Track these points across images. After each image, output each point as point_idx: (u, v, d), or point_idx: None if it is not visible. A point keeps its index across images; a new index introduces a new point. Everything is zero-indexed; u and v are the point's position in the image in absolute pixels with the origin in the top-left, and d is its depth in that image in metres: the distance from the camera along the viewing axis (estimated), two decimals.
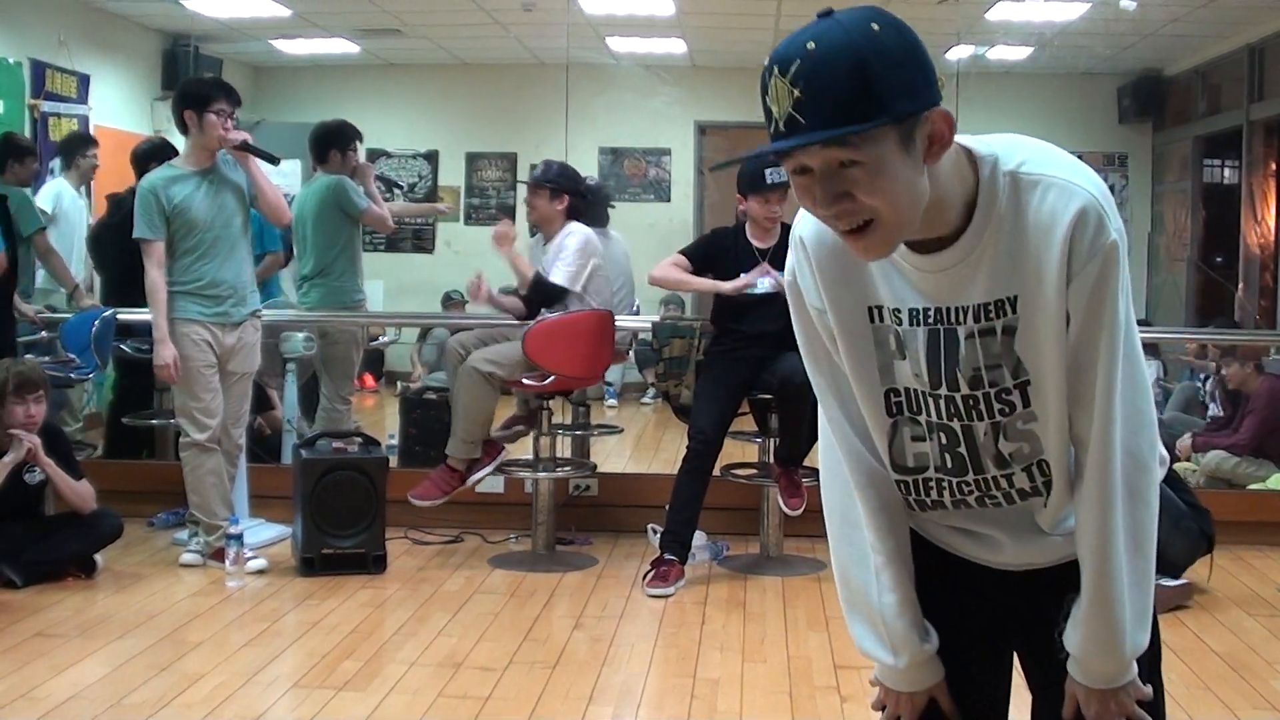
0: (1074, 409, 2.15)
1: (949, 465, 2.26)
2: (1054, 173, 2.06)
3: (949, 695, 2.39)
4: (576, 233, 7.13)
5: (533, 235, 7.55)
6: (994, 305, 2.11)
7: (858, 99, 1.90)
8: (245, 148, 6.68)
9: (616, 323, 7.23)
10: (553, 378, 6.91)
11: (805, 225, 2.22)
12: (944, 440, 2.24)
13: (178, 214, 6.58)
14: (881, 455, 2.30)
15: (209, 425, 6.67)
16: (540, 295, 7.05)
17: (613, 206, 9.11)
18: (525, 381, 6.94)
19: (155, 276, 6.63)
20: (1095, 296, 2.05)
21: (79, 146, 9.29)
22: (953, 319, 2.14)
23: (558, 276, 7.02)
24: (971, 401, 2.18)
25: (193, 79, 7.32)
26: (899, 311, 2.18)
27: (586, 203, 7.41)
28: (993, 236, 2.08)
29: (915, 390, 2.22)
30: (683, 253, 7.00)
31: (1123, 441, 2.13)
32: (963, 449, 2.23)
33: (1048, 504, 2.26)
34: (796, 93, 1.91)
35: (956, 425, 2.21)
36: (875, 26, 1.95)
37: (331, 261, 8.07)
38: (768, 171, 6.72)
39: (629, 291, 8.22)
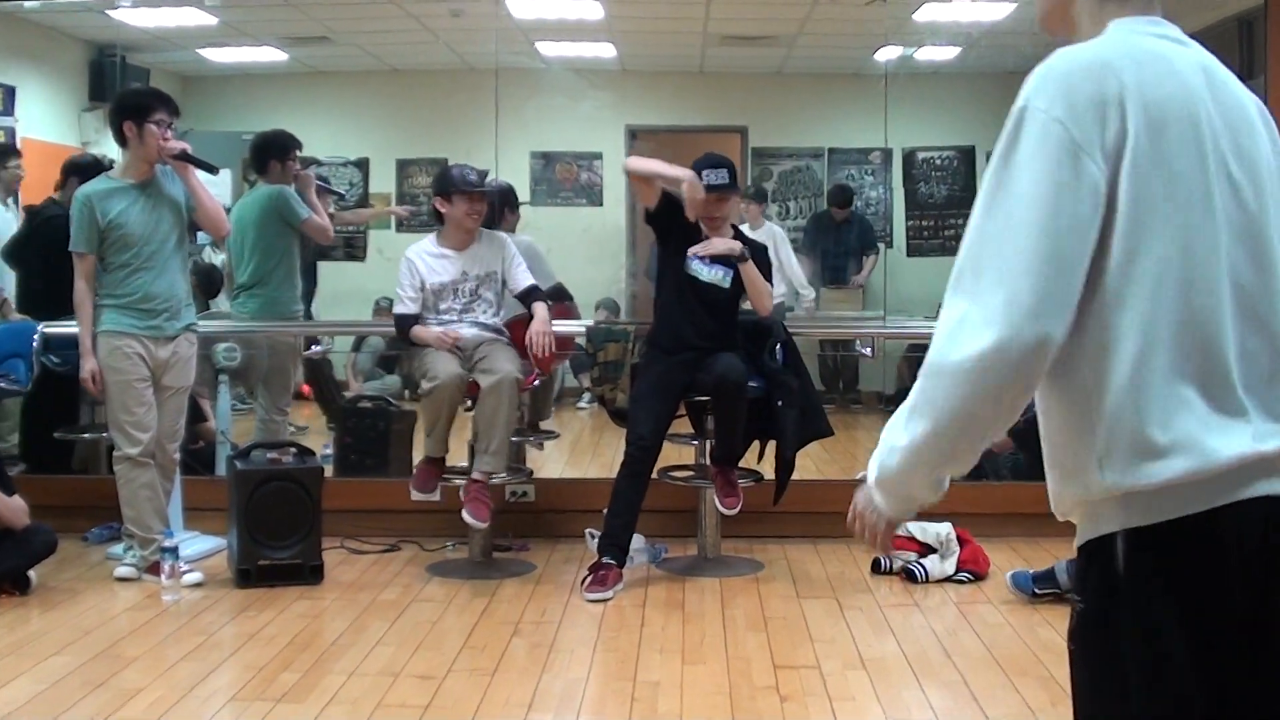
0: None
1: None
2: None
3: None
4: (510, 241, 7.26)
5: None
6: None
7: None
8: (185, 157, 6.64)
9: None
10: (538, 372, 7.09)
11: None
12: None
13: (113, 228, 6.54)
14: None
15: (141, 439, 6.61)
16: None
17: (518, 210, 9.05)
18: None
19: (81, 289, 6.60)
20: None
21: (1, 157, 9.20)
22: None
23: (532, 278, 7.10)
24: None
25: (131, 89, 7.27)
26: None
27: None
28: None
29: None
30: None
31: (951, 289, 2.15)
32: None
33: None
34: None
35: None
36: None
37: (270, 271, 8.06)
38: (705, 173, 6.74)
39: None
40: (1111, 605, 2.16)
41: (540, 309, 6.91)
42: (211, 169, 6.81)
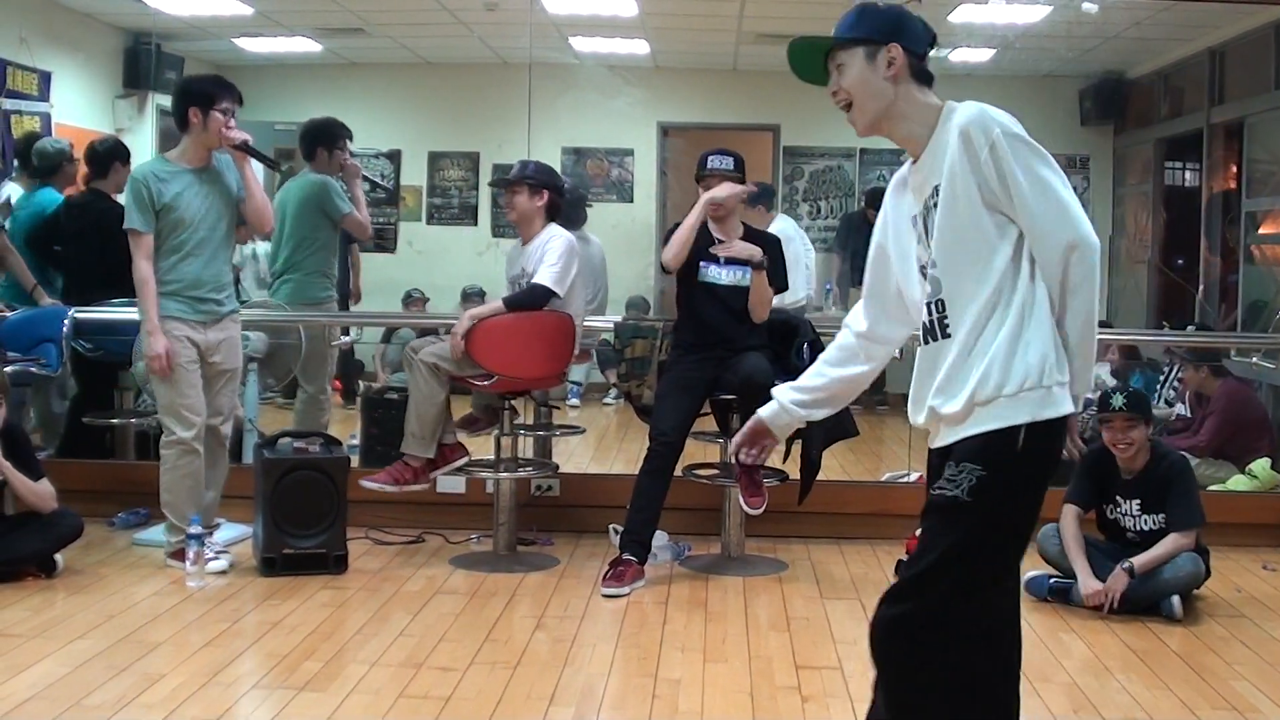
0: (1034, 246, 3.23)
1: (925, 300, 3.35)
2: (964, 105, 3.28)
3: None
4: (560, 235, 7.05)
5: (494, 236, 7.47)
6: (934, 190, 3.28)
7: (849, 29, 3.39)
8: (245, 148, 6.65)
9: (584, 322, 7.22)
10: (496, 377, 6.90)
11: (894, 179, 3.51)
12: (929, 290, 3.34)
13: (167, 210, 6.54)
14: (913, 310, 3.45)
15: (194, 422, 6.63)
16: (528, 299, 6.96)
17: (590, 205, 9.08)
18: (472, 380, 6.92)
19: (144, 269, 6.55)
20: (998, 171, 3.17)
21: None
22: (926, 205, 3.32)
23: (544, 278, 6.89)
24: (931, 250, 3.31)
25: (196, 76, 7.23)
26: (925, 210, 3.32)
27: (564, 202, 7.34)
28: (933, 146, 3.30)
29: (925, 256, 3.33)
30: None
31: (1066, 236, 3.21)
32: (928, 285, 3.33)
33: (953, 352, 3.27)
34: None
35: (932, 272, 3.32)
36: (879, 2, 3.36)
37: (304, 259, 8.07)
38: (709, 157, 6.75)
39: (604, 295, 8.22)
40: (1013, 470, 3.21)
41: (474, 310, 6.97)
42: (274, 164, 6.84)
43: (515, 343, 6.88)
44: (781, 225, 11.05)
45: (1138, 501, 6.32)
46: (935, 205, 3.26)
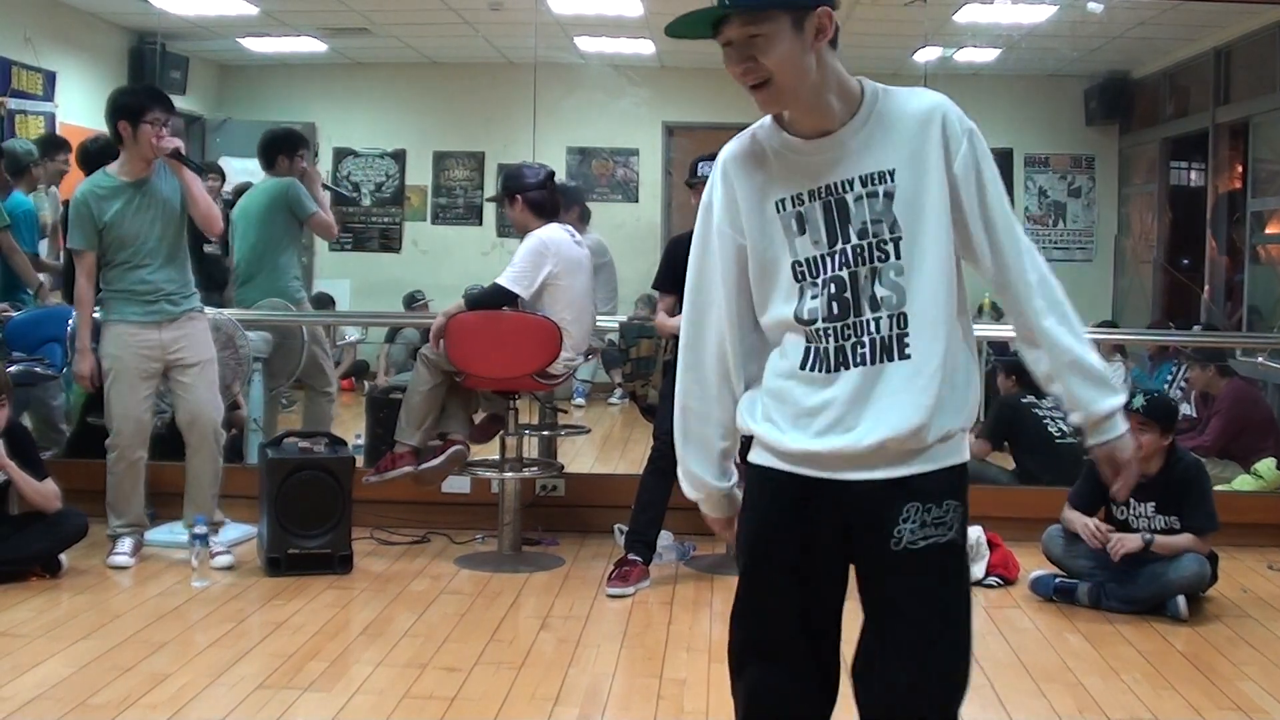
0: (994, 258, 2.88)
1: (834, 312, 2.83)
2: (913, 90, 2.93)
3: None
4: (533, 236, 7.00)
5: (499, 236, 7.46)
6: (875, 175, 2.82)
7: None
8: (177, 156, 6.66)
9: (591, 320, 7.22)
10: (462, 374, 6.95)
11: (726, 148, 2.98)
12: (833, 290, 2.84)
13: (109, 229, 6.61)
14: (789, 319, 2.89)
15: (121, 430, 6.70)
16: (485, 298, 6.96)
17: (568, 186, 9.08)
18: (455, 376, 6.96)
19: (83, 286, 6.71)
20: (976, 169, 2.85)
21: (50, 150, 9.22)
22: (841, 189, 2.84)
23: (502, 278, 6.92)
24: (858, 250, 2.82)
25: (125, 88, 7.32)
26: (799, 195, 2.86)
27: (546, 192, 7.26)
28: (873, 125, 2.84)
29: (814, 256, 2.86)
30: (658, 287, 6.98)
31: (1034, 257, 2.91)
32: (848, 293, 2.83)
33: (918, 375, 2.81)
34: None
35: (845, 273, 2.83)
36: None
37: (276, 258, 8.23)
38: (699, 164, 6.75)
39: (614, 297, 8.22)
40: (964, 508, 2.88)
41: (445, 308, 7.01)
42: (200, 170, 6.94)
43: (479, 341, 6.88)
44: None
45: (1153, 504, 6.31)
46: (866, 194, 2.81)
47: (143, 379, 6.67)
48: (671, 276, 6.89)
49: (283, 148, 8.39)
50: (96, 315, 6.78)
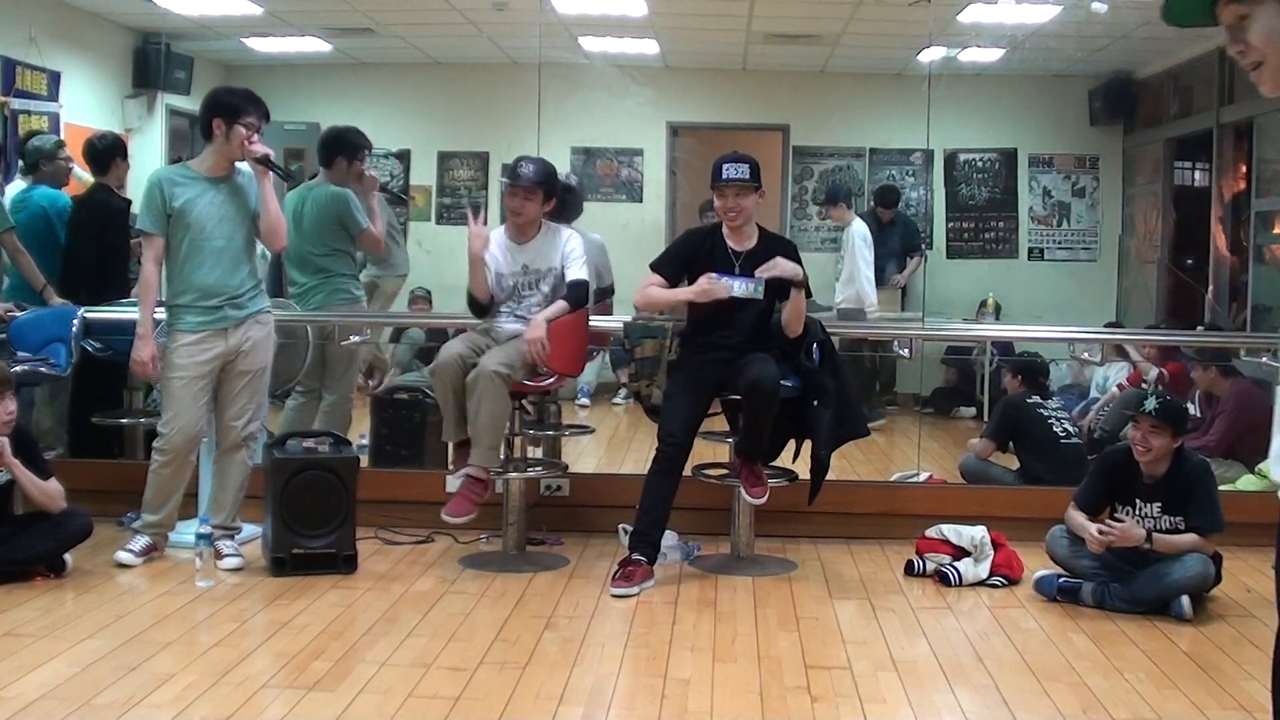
0: None
1: None
2: None
3: None
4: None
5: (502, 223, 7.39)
6: None
7: None
8: (266, 163, 6.66)
9: (590, 322, 7.25)
10: (554, 377, 7.03)
11: None
12: None
13: (178, 215, 6.58)
14: None
15: (169, 435, 6.68)
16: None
17: (574, 189, 9.06)
18: (526, 383, 6.93)
19: (150, 271, 6.65)
20: None
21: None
22: None
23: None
24: None
25: (225, 88, 7.25)
26: None
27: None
28: None
29: None
30: (655, 268, 6.99)
31: None
32: None
33: None
34: None
35: None
36: None
37: (332, 264, 8.21)
38: (724, 166, 6.74)
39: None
40: None
41: (545, 313, 6.92)
42: (289, 177, 6.91)
43: (573, 340, 7.00)
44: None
45: (1159, 504, 6.32)
46: None
47: (201, 380, 6.68)
48: (670, 264, 6.95)
49: (344, 149, 8.25)
50: (159, 315, 6.79)
